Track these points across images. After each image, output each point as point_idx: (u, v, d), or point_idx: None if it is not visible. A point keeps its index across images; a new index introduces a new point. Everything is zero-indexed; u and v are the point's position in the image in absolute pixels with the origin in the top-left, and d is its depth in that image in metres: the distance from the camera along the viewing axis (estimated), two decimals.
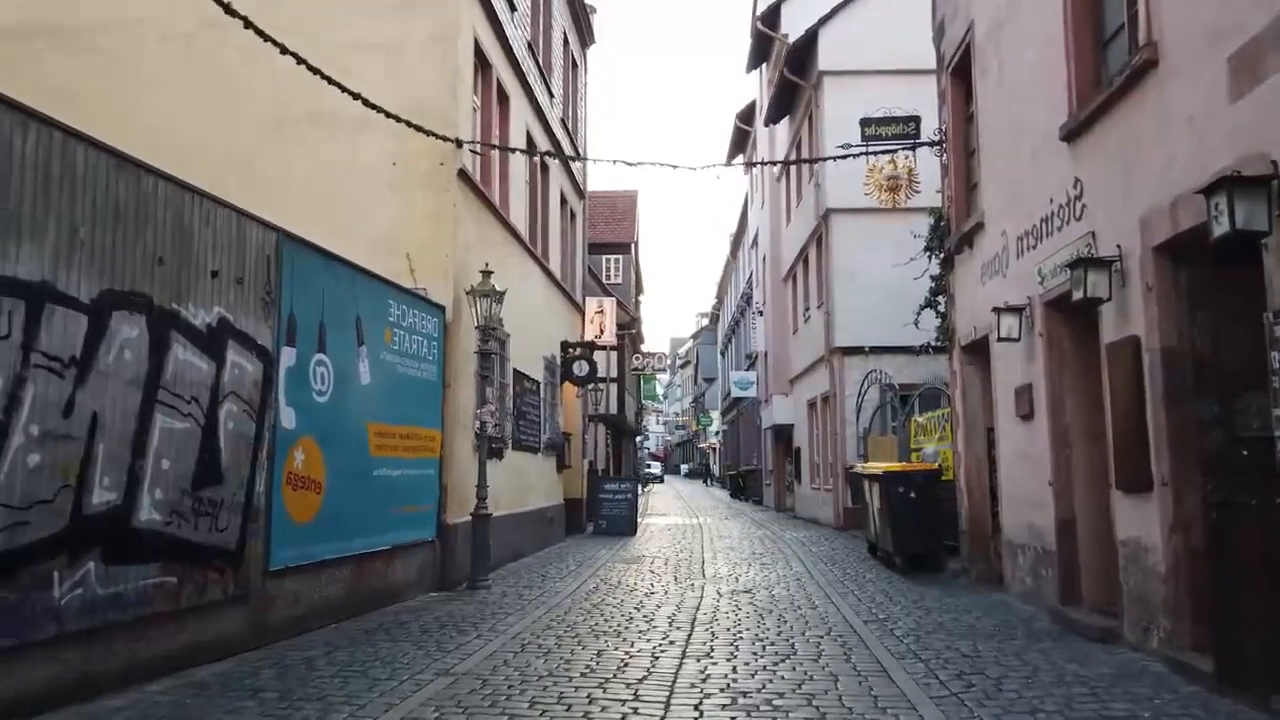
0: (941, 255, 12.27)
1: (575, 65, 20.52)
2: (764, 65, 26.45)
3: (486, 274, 10.86)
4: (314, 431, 7.73)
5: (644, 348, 31.78)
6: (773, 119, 23.56)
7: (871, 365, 18.52)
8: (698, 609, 9.35)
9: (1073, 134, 7.65)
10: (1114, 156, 6.98)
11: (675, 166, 11.32)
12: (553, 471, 16.88)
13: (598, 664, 6.71)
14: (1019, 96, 9.01)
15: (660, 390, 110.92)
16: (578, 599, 9.97)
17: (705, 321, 70.57)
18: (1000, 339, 8.84)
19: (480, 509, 10.71)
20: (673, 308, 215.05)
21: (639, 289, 37.70)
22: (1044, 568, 8.53)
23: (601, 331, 20.55)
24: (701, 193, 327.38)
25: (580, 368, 17.68)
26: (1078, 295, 6.98)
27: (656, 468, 73.39)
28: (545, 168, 16.72)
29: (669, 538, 18.63)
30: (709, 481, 63.66)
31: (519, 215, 14.33)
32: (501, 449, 12.87)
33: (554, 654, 7.06)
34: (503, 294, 10.96)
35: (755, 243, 31.29)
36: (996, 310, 8.86)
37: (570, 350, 17.90)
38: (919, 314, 13.30)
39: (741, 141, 32.19)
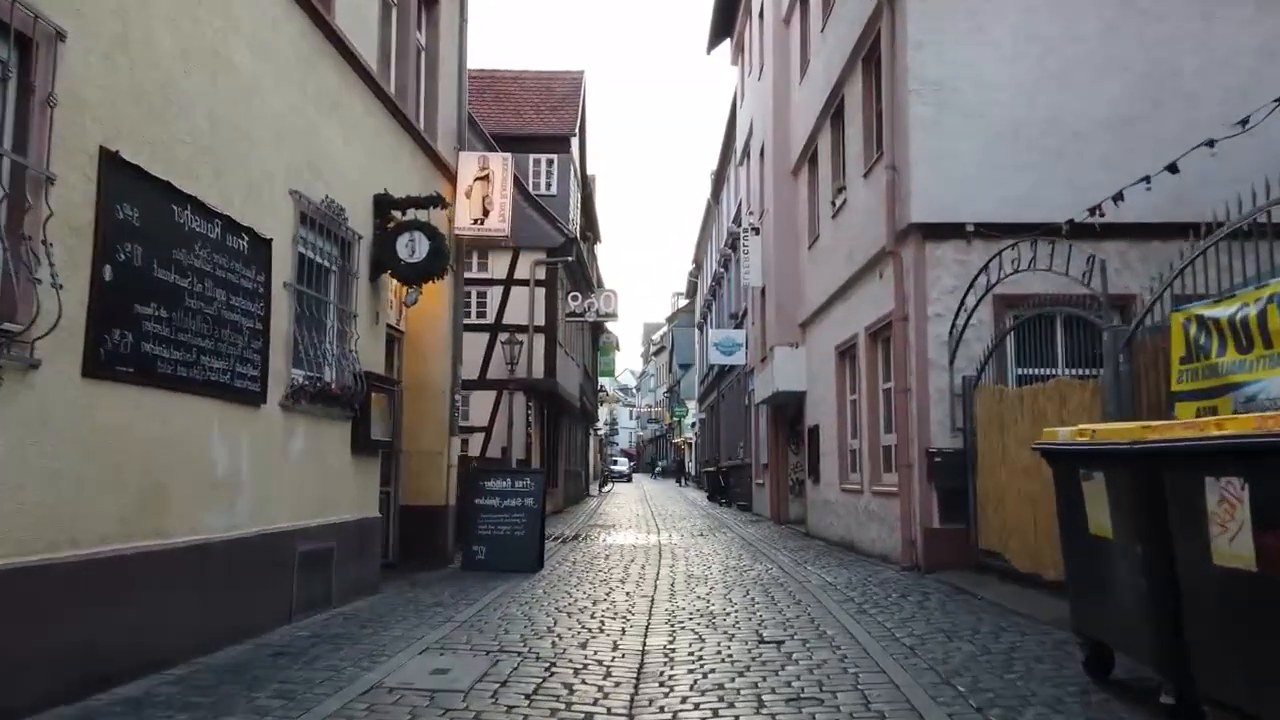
0: None
1: None
2: None
3: None
4: None
5: (598, 300, 22.68)
6: None
7: (977, 258, 9.77)
8: None
9: None
10: None
11: None
12: (334, 454, 7.96)
13: None
14: None
15: (633, 380, 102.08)
16: None
17: (682, 301, 61.80)
18: None
19: None
20: (647, 295, 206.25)
21: (589, 218, 28.37)
22: None
23: (486, 213, 11.63)
24: (681, 158, 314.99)
25: (410, 246, 8.72)
26: None
27: (624, 464, 65.44)
28: None
29: (596, 582, 9.83)
30: (683, 481, 54.99)
31: None
32: None
33: None
34: None
35: (747, 148, 22.49)
36: None
37: (392, 213, 8.98)
38: None
39: (728, 14, 23.38)
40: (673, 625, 7.31)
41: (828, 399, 14.57)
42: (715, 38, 25.03)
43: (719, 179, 33.69)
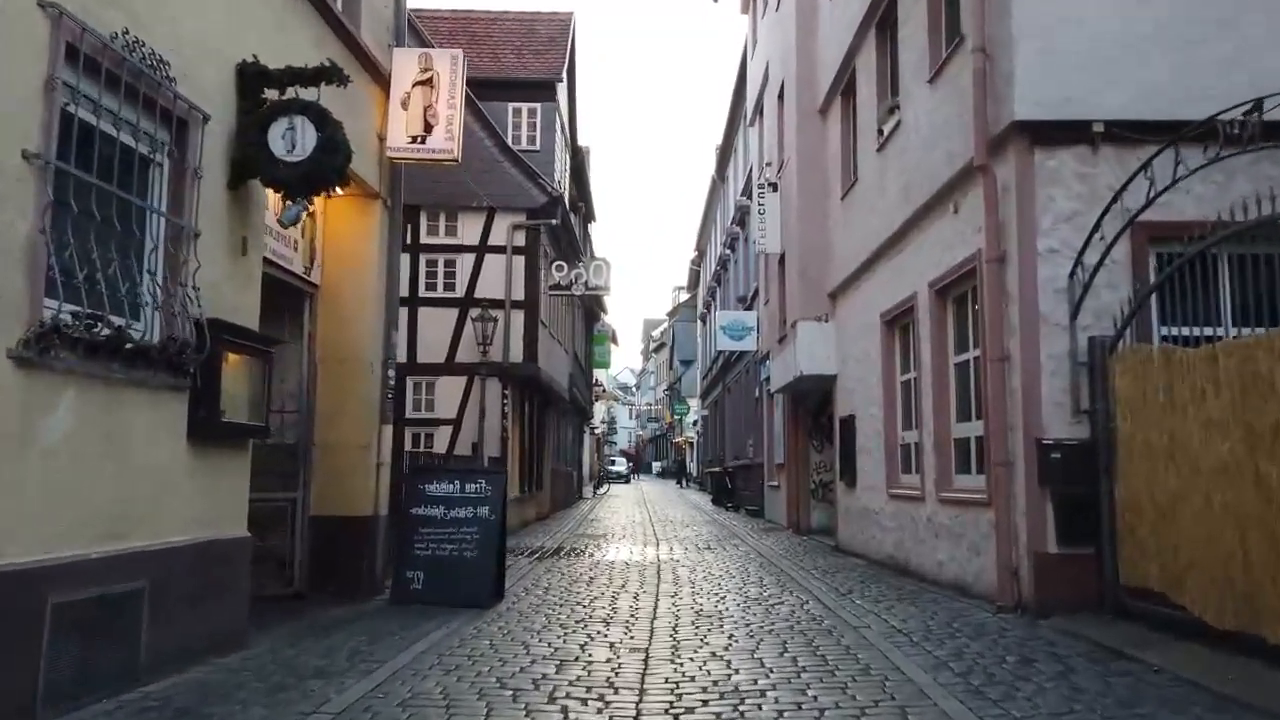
0: None
1: None
2: None
3: None
4: None
5: (587, 270, 19.63)
6: None
7: (1108, 171, 6.92)
8: None
9: None
10: None
11: None
12: (151, 442, 5.09)
13: None
14: None
15: (632, 379, 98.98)
16: None
17: (683, 295, 58.93)
18: None
19: None
20: (647, 289, 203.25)
21: (581, 188, 25.35)
22: None
23: (429, 128, 8.76)
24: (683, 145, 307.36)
25: (290, 137, 5.87)
26: None
27: (622, 464, 62.71)
28: None
29: (569, 625, 6.97)
30: (684, 482, 52.17)
31: None
32: None
33: None
34: None
35: (760, 103, 19.62)
36: None
37: (267, 94, 6.11)
38: None
39: None
40: (677, 718, 4.48)
41: (868, 381, 11.70)
42: None
43: (725, 152, 30.85)
